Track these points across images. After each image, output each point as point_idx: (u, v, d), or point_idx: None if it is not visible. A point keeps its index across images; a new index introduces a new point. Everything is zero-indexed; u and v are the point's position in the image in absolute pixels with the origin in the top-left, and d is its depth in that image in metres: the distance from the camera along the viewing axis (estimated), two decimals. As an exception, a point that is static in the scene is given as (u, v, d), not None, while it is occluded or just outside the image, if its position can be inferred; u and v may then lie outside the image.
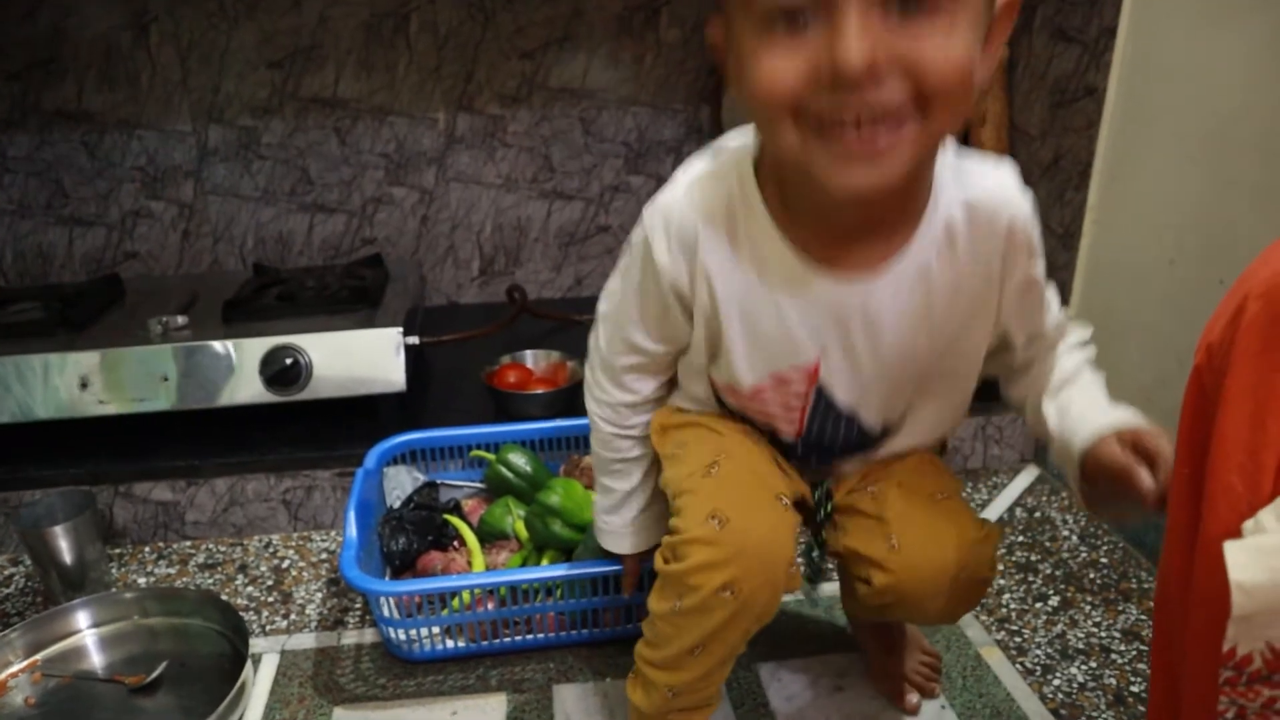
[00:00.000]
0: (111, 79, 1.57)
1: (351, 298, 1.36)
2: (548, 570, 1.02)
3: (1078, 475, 0.71)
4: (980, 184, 0.70)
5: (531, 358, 1.42)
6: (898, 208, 0.68)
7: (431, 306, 1.75)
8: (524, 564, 1.12)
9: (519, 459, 1.20)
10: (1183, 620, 0.52)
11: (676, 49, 1.66)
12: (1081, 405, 0.74)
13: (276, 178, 1.65)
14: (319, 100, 1.62)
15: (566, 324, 1.62)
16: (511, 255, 1.75)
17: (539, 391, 1.32)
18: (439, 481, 1.25)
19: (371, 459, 1.19)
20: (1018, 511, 1.29)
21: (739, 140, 0.73)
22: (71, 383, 1.23)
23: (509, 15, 1.60)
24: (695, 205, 0.71)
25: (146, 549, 1.29)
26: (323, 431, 1.32)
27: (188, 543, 1.31)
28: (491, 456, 1.22)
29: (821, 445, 0.82)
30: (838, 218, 0.68)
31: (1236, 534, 0.46)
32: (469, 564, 1.13)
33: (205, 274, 1.67)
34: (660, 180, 1.71)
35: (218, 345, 1.24)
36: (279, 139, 1.63)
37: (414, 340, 1.30)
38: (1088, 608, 1.10)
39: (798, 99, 0.58)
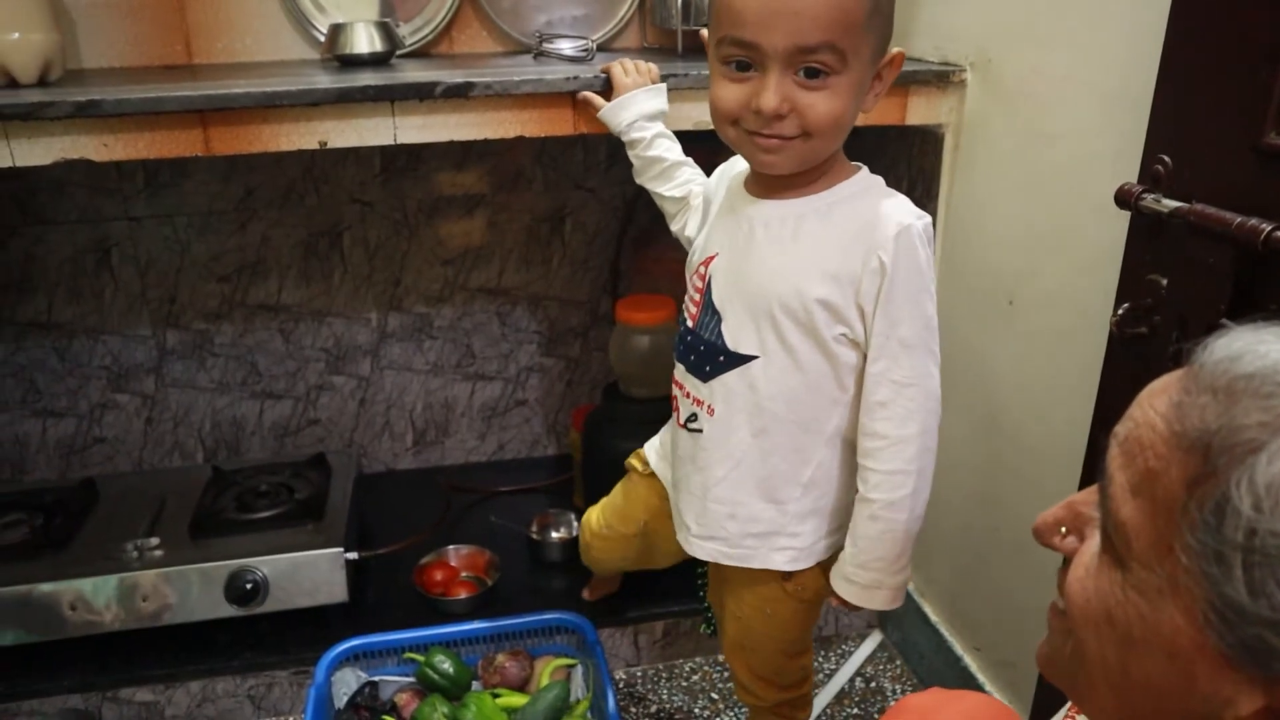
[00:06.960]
0: (78, 294, 1.78)
1: (299, 511, 1.60)
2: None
3: None
4: (874, 196, 1.00)
5: (454, 553, 1.68)
6: (801, 182, 1.01)
7: (371, 474, 1.99)
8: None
9: (443, 662, 1.46)
10: None
11: (580, 250, 1.90)
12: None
13: (229, 372, 1.87)
14: (264, 306, 1.84)
15: (491, 495, 1.87)
16: (441, 428, 1.99)
17: (462, 596, 1.58)
18: (378, 679, 1.50)
19: (320, 672, 1.44)
20: (857, 682, 1.58)
21: None
22: (63, 607, 1.46)
23: (430, 230, 1.84)
24: (730, 164, 1.15)
25: (131, 737, 1.54)
26: (279, 635, 1.56)
27: (166, 731, 1.55)
28: (421, 658, 1.48)
29: (701, 342, 1.07)
30: (763, 179, 1.04)
31: None
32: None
33: (169, 471, 1.89)
34: (570, 360, 1.97)
35: (188, 570, 1.48)
36: (230, 339, 1.85)
37: (354, 555, 1.54)
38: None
39: (736, 116, 0.95)
